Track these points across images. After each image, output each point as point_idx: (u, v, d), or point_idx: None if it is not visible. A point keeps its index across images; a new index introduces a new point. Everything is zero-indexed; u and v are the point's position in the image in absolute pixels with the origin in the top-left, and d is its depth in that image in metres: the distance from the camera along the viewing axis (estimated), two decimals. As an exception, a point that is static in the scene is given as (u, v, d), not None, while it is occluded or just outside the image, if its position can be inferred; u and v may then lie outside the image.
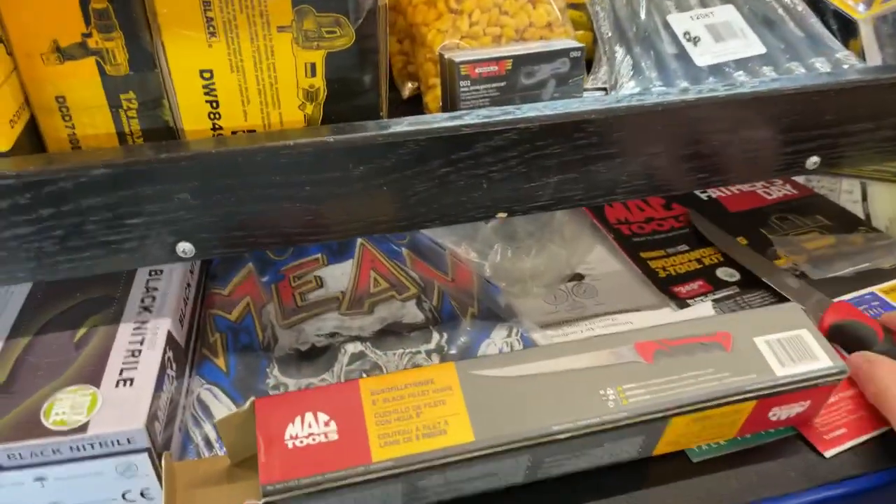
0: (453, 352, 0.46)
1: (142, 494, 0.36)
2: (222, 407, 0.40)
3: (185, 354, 0.42)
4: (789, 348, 0.38)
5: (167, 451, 0.37)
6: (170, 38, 0.36)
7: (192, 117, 0.39)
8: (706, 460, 0.40)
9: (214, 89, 0.38)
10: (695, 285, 0.52)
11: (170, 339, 0.40)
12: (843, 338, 0.45)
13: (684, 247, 0.56)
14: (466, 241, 0.53)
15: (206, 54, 0.37)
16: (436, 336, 0.46)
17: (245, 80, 0.38)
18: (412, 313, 0.48)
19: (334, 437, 0.33)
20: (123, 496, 0.36)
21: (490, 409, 0.35)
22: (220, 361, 0.43)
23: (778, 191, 0.64)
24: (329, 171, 0.37)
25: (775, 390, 0.37)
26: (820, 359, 0.38)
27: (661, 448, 0.39)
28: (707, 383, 0.36)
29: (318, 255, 0.53)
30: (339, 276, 0.51)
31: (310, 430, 0.33)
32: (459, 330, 0.47)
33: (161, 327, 0.40)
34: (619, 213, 0.60)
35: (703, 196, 0.63)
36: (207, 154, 0.35)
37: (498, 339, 0.47)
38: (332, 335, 0.46)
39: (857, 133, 0.46)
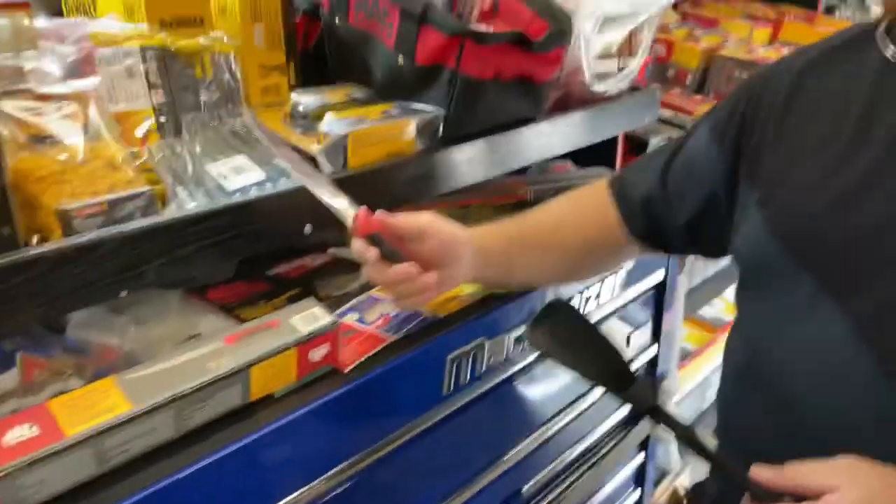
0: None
1: None
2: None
3: None
4: (308, 318, 0.70)
5: None
6: None
7: None
8: (283, 396, 0.68)
9: None
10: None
11: None
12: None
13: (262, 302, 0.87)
14: (106, 333, 0.75)
15: None
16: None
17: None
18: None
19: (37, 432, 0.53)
20: None
21: (142, 387, 0.58)
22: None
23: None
24: None
25: (302, 339, 0.68)
26: (322, 319, 0.70)
27: (256, 393, 0.66)
28: (266, 346, 0.66)
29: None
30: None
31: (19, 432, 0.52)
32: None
33: None
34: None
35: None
36: None
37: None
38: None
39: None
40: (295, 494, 0.69)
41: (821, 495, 0.53)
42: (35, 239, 0.69)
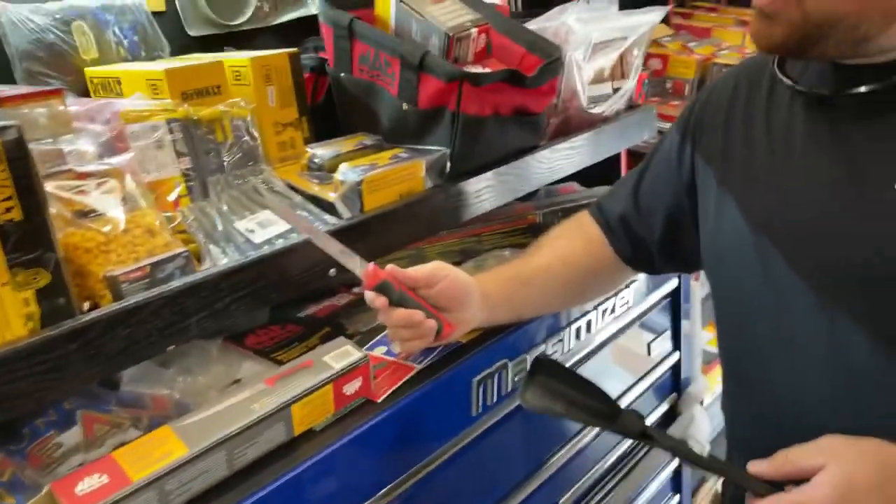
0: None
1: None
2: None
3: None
4: (340, 356, 0.76)
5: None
6: None
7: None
8: (324, 429, 0.74)
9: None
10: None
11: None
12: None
13: (296, 343, 0.93)
14: (157, 385, 0.81)
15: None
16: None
17: (-15, 318, 0.63)
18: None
19: (106, 480, 0.59)
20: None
21: (195, 432, 0.64)
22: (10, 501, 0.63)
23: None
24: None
25: (336, 375, 0.73)
26: (353, 355, 0.76)
27: (298, 428, 0.72)
28: (304, 384, 0.71)
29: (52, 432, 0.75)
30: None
31: (90, 483, 0.58)
32: (168, 431, 0.74)
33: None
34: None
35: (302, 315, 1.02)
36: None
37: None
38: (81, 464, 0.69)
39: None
40: (341, 521, 0.74)
41: (811, 475, 0.58)
42: (86, 305, 0.75)
